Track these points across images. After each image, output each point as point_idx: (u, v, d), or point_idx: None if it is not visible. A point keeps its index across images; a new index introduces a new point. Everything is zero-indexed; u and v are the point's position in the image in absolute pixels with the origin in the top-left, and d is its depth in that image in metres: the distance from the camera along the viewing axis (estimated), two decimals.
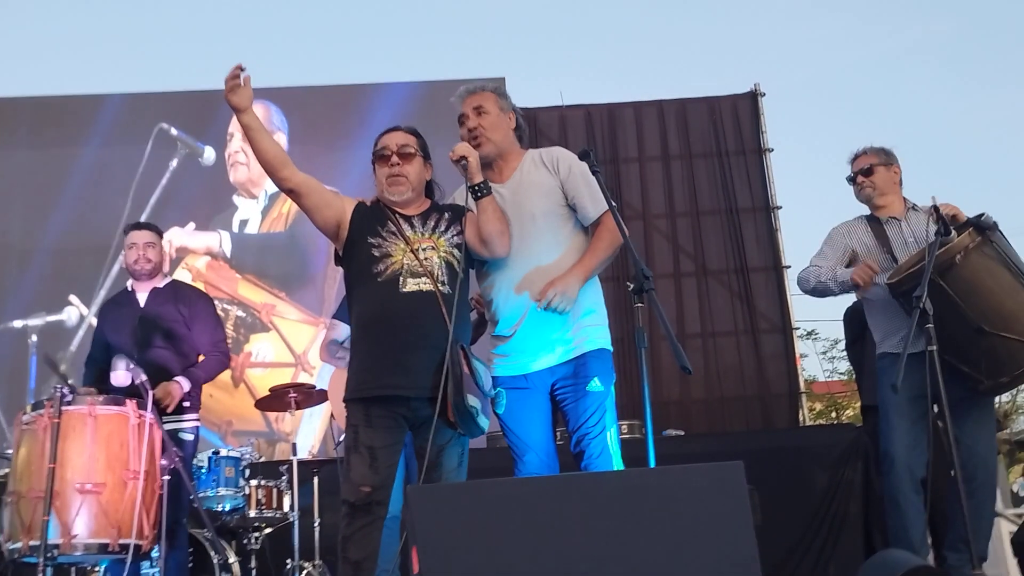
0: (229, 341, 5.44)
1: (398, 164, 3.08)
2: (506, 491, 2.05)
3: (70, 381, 3.53)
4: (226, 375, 5.55)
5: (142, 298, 4.23)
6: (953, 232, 3.38)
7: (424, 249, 3.00)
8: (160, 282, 4.29)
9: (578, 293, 3.02)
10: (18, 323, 7.34)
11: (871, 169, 3.93)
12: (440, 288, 2.94)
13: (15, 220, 7.63)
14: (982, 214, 3.45)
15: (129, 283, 4.33)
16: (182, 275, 7.18)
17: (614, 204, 2.98)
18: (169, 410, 3.94)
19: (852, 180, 3.97)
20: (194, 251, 7.58)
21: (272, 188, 7.69)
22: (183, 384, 4.05)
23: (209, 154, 7.78)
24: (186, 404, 4.08)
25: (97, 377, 4.21)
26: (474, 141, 3.15)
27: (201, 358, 4.29)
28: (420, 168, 3.12)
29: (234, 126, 7.79)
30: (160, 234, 4.36)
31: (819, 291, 3.87)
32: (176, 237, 7.49)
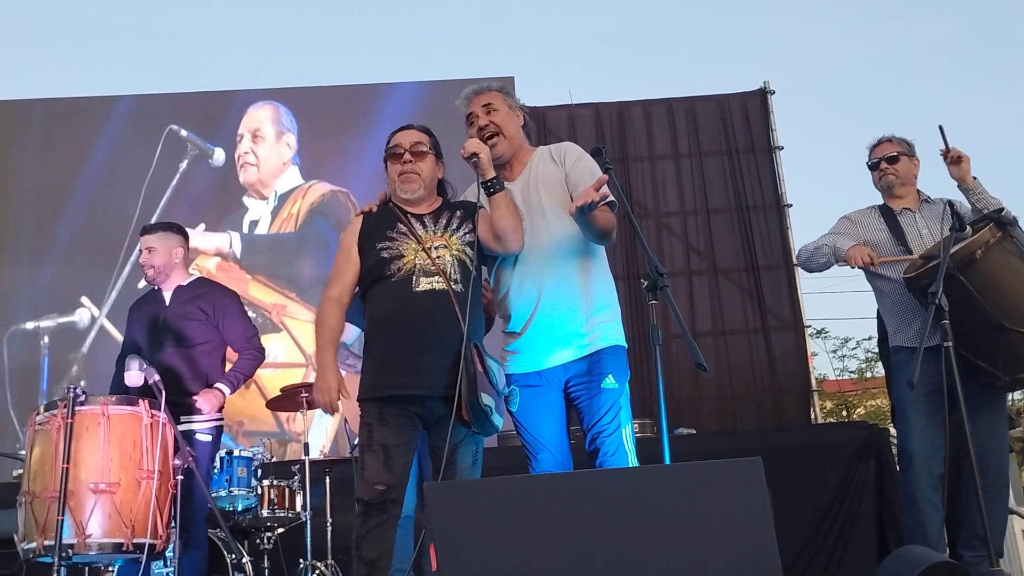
0: None
1: (410, 162, 3.08)
2: (524, 488, 2.04)
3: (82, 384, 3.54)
4: None
5: (167, 297, 4.23)
6: (968, 227, 3.37)
7: (436, 248, 3.00)
8: (184, 280, 4.28)
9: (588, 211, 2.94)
10: (30, 324, 7.37)
11: (897, 157, 3.90)
12: (453, 287, 2.94)
13: (27, 221, 7.65)
14: (1002, 209, 3.43)
15: None
16: None
17: (622, 201, 2.97)
18: (207, 412, 3.97)
19: (874, 166, 3.94)
20: (204, 252, 7.58)
21: (282, 188, 7.72)
22: (224, 390, 4.05)
23: (219, 155, 7.79)
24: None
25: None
26: (488, 140, 3.14)
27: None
28: (432, 166, 3.13)
29: (244, 127, 7.82)
30: (176, 232, 4.33)
31: (815, 258, 3.86)
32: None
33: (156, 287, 4.28)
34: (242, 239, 7.65)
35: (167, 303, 4.21)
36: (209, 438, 4.07)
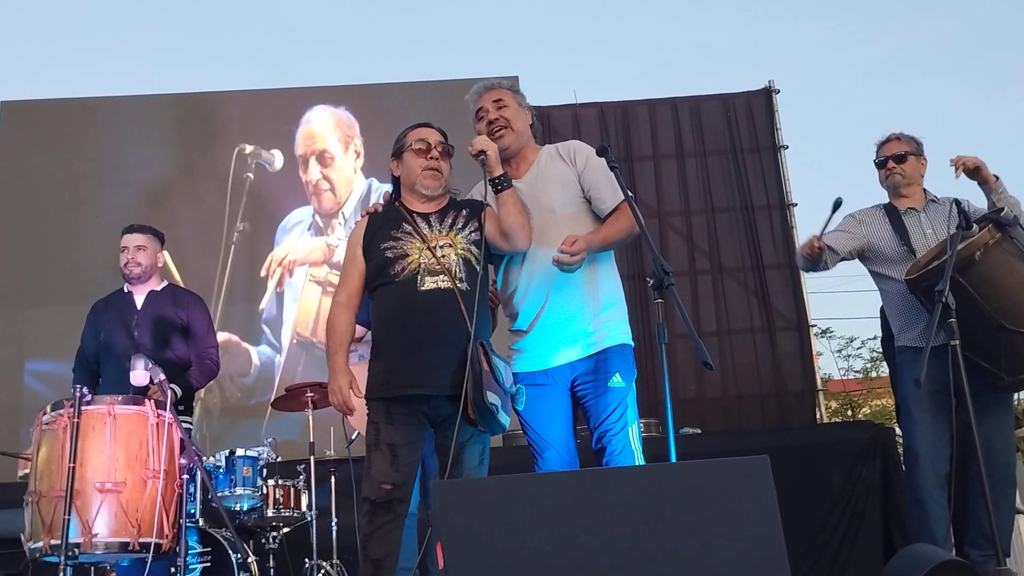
0: None
1: (436, 158, 3.10)
2: (531, 486, 2.05)
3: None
4: None
5: (139, 300, 4.25)
6: (975, 226, 3.35)
7: (441, 247, 3.00)
8: (157, 285, 4.32)
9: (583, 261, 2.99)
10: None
11: (905, 156, 3.87)
12: (458, 285, 2.93)
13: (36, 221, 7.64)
14: (1002, 209, 3.42)
15: (125, 285, 4.33)
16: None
17: (631, 195, 2.98)
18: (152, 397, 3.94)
19: (881, 164, 3.92)
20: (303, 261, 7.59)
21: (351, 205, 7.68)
22: (176, 391, 4.05)
23: (278, 160, 7.78)
24: (179, 408, 4.09)
25: (89, 380, 4.21)
26: (496, 133, 3.16)
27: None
28: (449, 168, 3.15)
29: (304, 147, 7.77)
30: (158, 237, 4.36)
31: (803, 265, 3.90)
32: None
33: (125, 290, 4.29)
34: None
35: (139, 307, 4.23)
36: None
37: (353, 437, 4.17)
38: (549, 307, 3.07)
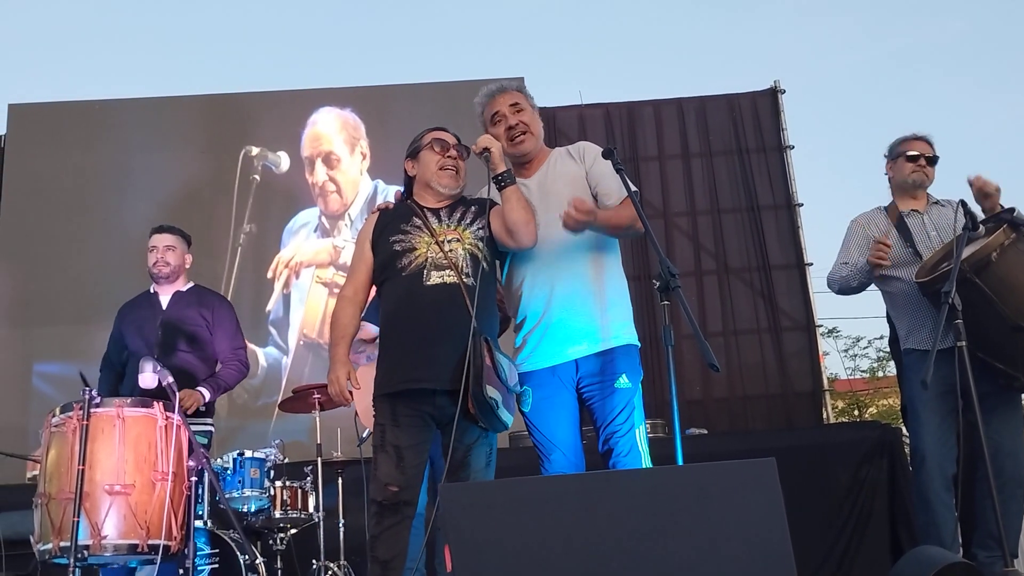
0: None
1: (454, 157, 3.12)
2: (539, 489, 2.05)
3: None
4: None
5: (164, 301, 4.27)
6: (981, 227, 3.35)
7: (449, 241, 3.01)
8: (183, 286, 4.33)
9: (582, 229, 2.98)
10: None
11: (935, 159, 3.89)
12: (464, 280, 2.94)
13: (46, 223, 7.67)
14: (1014, 209, 3.41)
15: (152, 286, 4.36)
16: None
17: (637, 191, 2.98)
18: (189, 412, 3.97)
19: (913, 159, 3.88)
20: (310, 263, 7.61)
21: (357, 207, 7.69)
22: (205, 394, 4.08)
23: (284, 162, 7.80)
24: (202, 408, 4.12)
25: (114, 380, 4.23)
26: (516, 139, 3.18)
27: (218, 366, 4.33)
28: (464, 170, 3.17)
29: (310, 148, 7.78)
30: (186, 238, 4.38)
31: (844, 288, 3.84)
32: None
33: (152, 290, 4.31)
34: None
35: (164, 307, 4.25)
36: (206, 440, 4.11)
37: (364, 436, 4.17)
38: (555, 303, 3.07)
